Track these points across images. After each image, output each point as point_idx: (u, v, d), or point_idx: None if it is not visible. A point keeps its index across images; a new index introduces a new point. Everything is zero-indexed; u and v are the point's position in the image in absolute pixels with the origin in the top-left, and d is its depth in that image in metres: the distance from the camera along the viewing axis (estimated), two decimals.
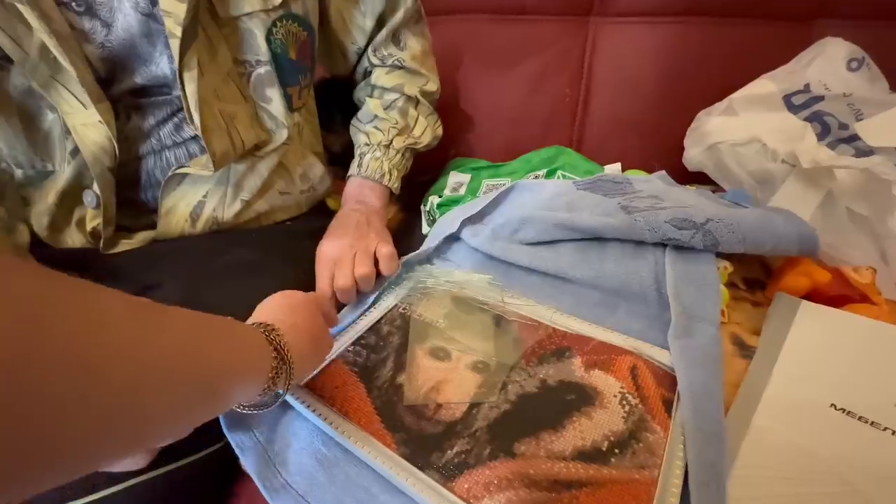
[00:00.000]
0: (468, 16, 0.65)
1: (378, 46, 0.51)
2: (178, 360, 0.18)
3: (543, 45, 0.64)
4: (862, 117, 0.53)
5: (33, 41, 0.32)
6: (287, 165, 0.47)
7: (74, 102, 0.34)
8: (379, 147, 0.51)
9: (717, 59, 0.59)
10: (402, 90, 0.52)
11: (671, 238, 0.41)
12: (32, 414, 0.12)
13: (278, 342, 0.26)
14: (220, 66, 0.39)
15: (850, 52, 0.54)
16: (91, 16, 0.34)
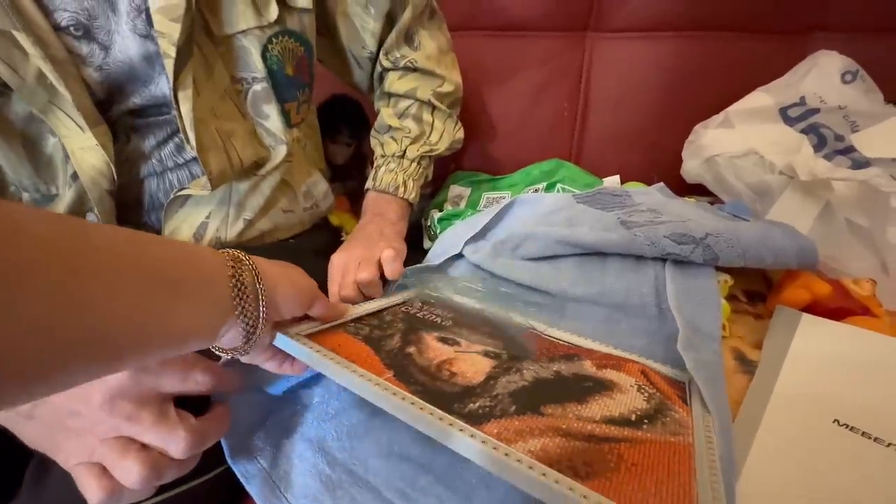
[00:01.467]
0: (468, 32, 0.65)
1: (390, 49, 0.50)
2: (116, 257, 0.17)
3: (542, 60, 0.65)
4: (857, 129, 0.53)
5: (30, 67, 0.32)
6: (290, 183, 0.47)
7: (72, 126, 0.35)
8: (393, 158, 0.51)
9: (712, 72, 0.60)
10: (414, 95, 0.51)
11: (671, 253, 0.42)
12: None
13: (242, 263, 0.24)
14: (216, 84, 0.39)
15: (844, 65, 0.54)
16: (89, 39, 0.34)
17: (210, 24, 0.37)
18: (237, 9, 0.37)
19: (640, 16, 0.60)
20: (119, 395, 0.23)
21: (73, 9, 0.33)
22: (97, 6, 0.34)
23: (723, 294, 0.43)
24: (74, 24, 0.34)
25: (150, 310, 0.18)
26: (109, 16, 0.34)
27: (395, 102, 0.52)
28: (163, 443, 0.24)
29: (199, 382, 0.26)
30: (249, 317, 0.24)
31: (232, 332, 0.23)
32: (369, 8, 0.47)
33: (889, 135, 0.53)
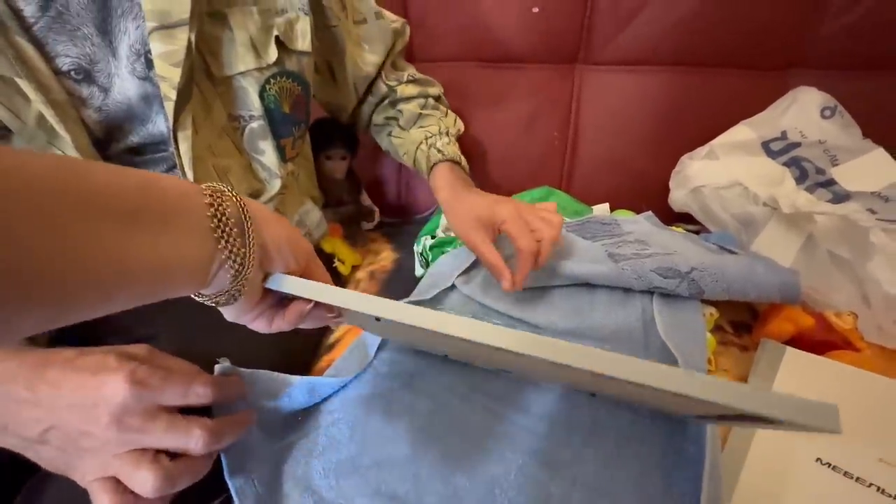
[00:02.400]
0: (461, 63, 0.67)
1: (388, 73, 0.56)
2: (46, 185, 0.15)
3: (532, 90, 0.66)
4: (837, 163, 0.55)
5: (31, 111, 0.33)
6: (283, 213, 0.48)
7: None
8: (441, 135, 0.54)
9: (697, 105, 0.62)
10: (427, 94, 0.57)
11: (657, 286, 0.42)
12: None
13: (223, 195, 0.22)
14: (214, 121, 0.40)
15: (823, 101, 0.56)
16: (89, 82, 0.35)
17: (210, 66, 0.38)
18: (237, 52, 0.38)
19: (627, 50, 0.62)
20: (125, 413, 0.24)
21: (75, 55, 0.34)
22: (98, 51, 0.35)
23: (708, 327, 0.43)
24: (76, 68, 0.34)
25: (97, 243, 0.17)
26: (110, 60, 0.35)
27: (410, 101, 0.56)
28: (181, 443, 0.25)
29: (201, 395, 0.27)
30: (236, 252, 0.22)
31: (221, 273, 0.22)
32: (367, 47, 0.52)
33: (868, 169, 0.54)
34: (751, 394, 0.18)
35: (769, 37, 0.59)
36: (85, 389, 0.24)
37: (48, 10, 0.32)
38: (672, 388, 0.19)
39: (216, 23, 0.37)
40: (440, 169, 0.51)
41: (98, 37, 0.34)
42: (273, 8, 0.40)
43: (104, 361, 0.25)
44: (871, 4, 0.55)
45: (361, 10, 0.50)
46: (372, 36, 0.51)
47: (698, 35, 0.60)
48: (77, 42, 0.34)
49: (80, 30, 0.34)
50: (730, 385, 0.19)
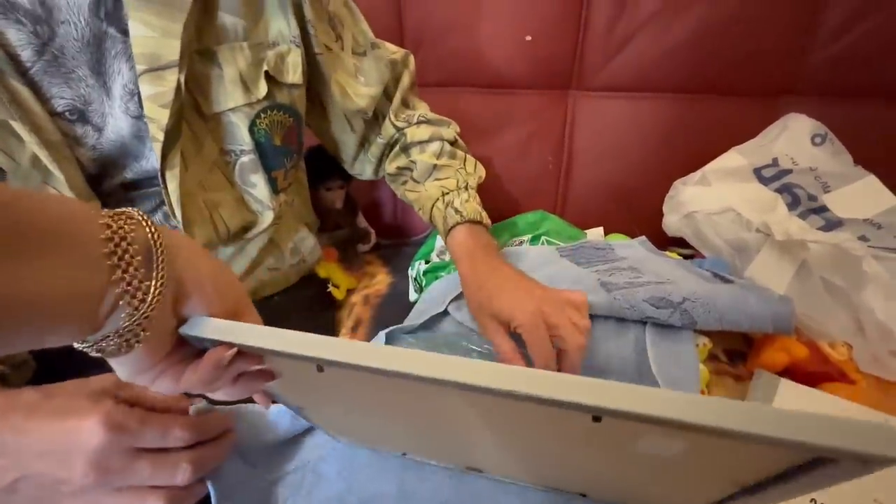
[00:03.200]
0: (456, 88, 0.68)
1: (397, 112, 0.52)
2: None
3: (526, 116, 0.67)
4: (829, 189, 0.55)
5: (25, 152, 0.33)
6: (277, 241, 0.48)
7: None
8: (459, 191, 0.50)
9: (689, 131, 0.63)
10: (440, 136, 0.52)
11: (650, 316, 0.42)
12: None
13: (130, 218, 0.19)
14: (205, 157, 0.40)
15: (813, 128, 0.57)
16: (83, 122, 0.36)
17: (200, 103, 0.38)
18: (226, 88, 0.39)
19: (620, 77, 0.63)
20: (103, 458, 0.23)
21: (70, 96, 0.35)
22: (92, 92, 0.35)
23: (701, 358, 0.43)
24: (70, 109, 0.35)
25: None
26: (104, 100, 0.36)
27: (424, 147, 0.52)
28: (168, 480, 0.25)
29: (179, 438, 0.26)
30: (136, 286, 0.19)
31: (116, 312, 0.19)
32: (358, 77, 0.49)
33: (859, 196, 0.55)
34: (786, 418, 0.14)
35: (760, 64, 0.60)
36: (55, 436, 0.23)
37: (44, 54, 0.33)
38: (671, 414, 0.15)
39: (205, 60, 0.38)
40: (459, 233, 0.47)
41: (92, 78, 0.35)
42: (265, 41, 0.41)
43: (74, 405, 0.24)
44: (859, 34, 0.56)
45: (360, 42, 0.49)
46: (368, 68, 0.49)
47: (689, 62, 0.61)
48: (72, 84, 0.34)
49: (74, 72, 0.34)
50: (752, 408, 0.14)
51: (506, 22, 0.63)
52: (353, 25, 0.48)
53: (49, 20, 0.33)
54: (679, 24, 0.59)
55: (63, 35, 0.33)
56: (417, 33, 0.66)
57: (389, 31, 0.65)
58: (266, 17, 0.40)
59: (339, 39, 0.47)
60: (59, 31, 0.33)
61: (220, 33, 0.38)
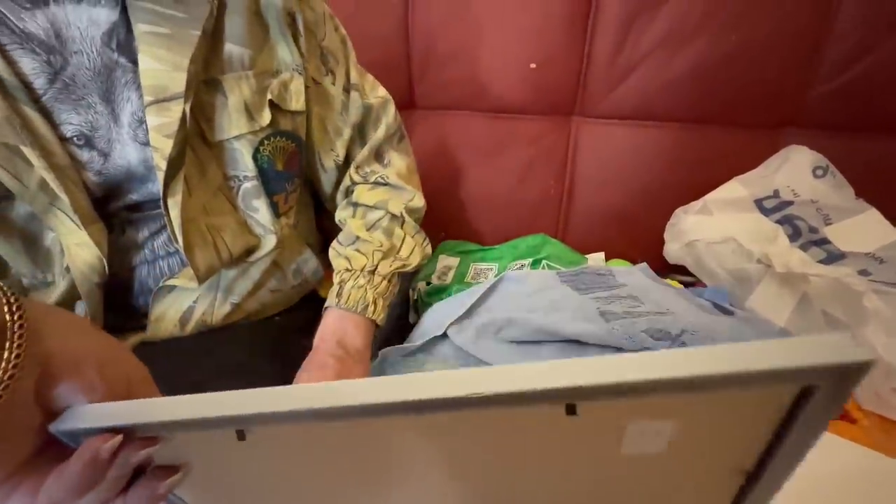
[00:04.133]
0: (462, 112, 0.70)
1: (361, 163, 0.49)
2: None
3: (529, 140, 0.68)
4: (831, 222, 0.55)
5: (33, 176, 0.35)
6: (280, 263, 0.49)
7: (69, 224, 0.37)
8: (363, 274, 0.46)
9: (691, 160, 0.63)
10: (385, 207, 0.49)
11: (648, 348, 0.42)
12: None
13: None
14: (209, 182, 0.41)
15: (815, 161, 0.57)
16: (90, 148, 0.37)
17: (205, 131, 0.39)
18: (230, 116, 0.40)
19: (623, 105, 0.64)
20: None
21: (78, 122, 0.36)
22: (101, 118, 0.36)
23: None
24: (77, 135, 0.36)
25: None
26: (111, 126, 0.37)
27: (364, 213, 0.49)
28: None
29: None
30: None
31: None
32: (343, 114, 0.48)
33: (861, 229, 0.55)
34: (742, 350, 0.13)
35: (761, 97, 0.61)
36: None
37: (55, 82, 0.34)
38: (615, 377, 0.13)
39: (210, 89, 0.39)
40: (328, 316, 0.45)
41: (102, 105, 0.36)
42: (269, 70, 0.41)
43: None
44: (860, 70, 0.57)
45: (353, 79, 0.48)
46: (351, 107, 0.48)
47: (691, 93, 0.62)
48: (80, 110, 0.36)
49: (84, 99, 0.36)
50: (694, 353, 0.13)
51: (511, 49, 0.64)
52: (346, 63, 0.48)
53: (62, 50, 0.34)
54: (681, 56, 0.60)
55: (75, 64, 0.35)
56: (425, 58, 0.67)
57: (398, 58, 0.66)
58: (271, 45, 0.42)
59: (331, 74, 0.47)
60: (71, 60, 0.35)
61: (226, 63, 0.39)
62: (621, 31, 0.61)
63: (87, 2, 0.34)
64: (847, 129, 0.60)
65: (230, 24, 0.39)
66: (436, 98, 0.69)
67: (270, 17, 0.41)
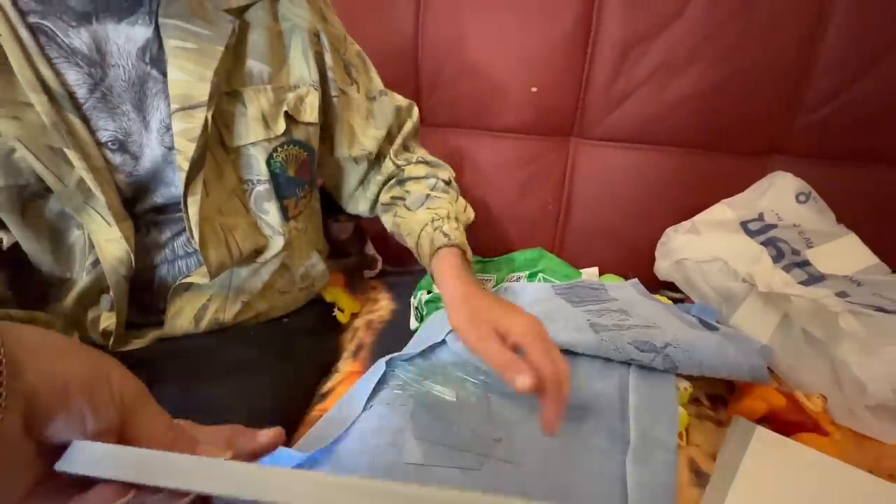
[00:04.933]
0: (465, 130, 0.73)
1: (396, 153, 0.55)
2: None
3: (529, 159, 0.72)
4: (812, 245, 0.58)
5: (73, 176, 0.38)
6: (289, 266, 0.51)
7: (101, 222, 0.40)
8: (449, 220, 0.50)
9: (682, 183, 0.67)
10: (436, 175, 0.55)
11: (634, 359, 0.45)
12: None
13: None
14: (225, 184, 0.44)
15: (798, 187, 0.61)
16: (122, 152, 0.40)
17: (223, 137, 0.43)
18: (248, 125, 0.43)
19: (619, 128, 0.68)
20: None
21: (113, 128, 0.39)
22: (133, 125, 0.40)
23: (683, 401, 0.45)
24: (112, 140, 0.40)
25: None
26: (142, 132, 0.40)
27: (419, 181, 0.55)
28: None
29: None
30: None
31: None
32: (369, 120, 0.53)
33: (841, 252, 0.58)
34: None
35: (749, 125, 0.64)
36: None
37: (95, 92, 0.38)
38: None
39: (232, 100, 0.43)
40: (446, 254, 0.47)
41: (134, 113, 0.40)
42: (286, 84, 0.45)
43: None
44: (841, 103, 0.61)
45: (372, 89, 0.54)
46: (377, 112, 0.54)
47: (684, 119, 0.65)
48: (115, 118, 0.39)
49: (119, 108, 0.39)
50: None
51: (513, 73, 0.68)
52: (365, 73, 0.54)
53: (102, 64, 0.38)
54: (674, 84, 0.64)
55: (113, 76, 0.38)
56: (432, 78, 0.71)
57: (407, 77, 0.70)
58: (289, 63, 0.46)
59: (355, 83, 0.52)
60: (109, 72, 0.38)
61: (247, 77, 0.43)
62: (618, 60, 0.65)
63: (126, 21, 0.38)
64: (829, 158, 0.63)
65: (252, 42, 0.43)
66: (441, 116, 0.73)
67: (293, 38, 0.45)
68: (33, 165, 0.37)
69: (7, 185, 0.37)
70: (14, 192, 0.38)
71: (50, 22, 0.36)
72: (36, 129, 0.36)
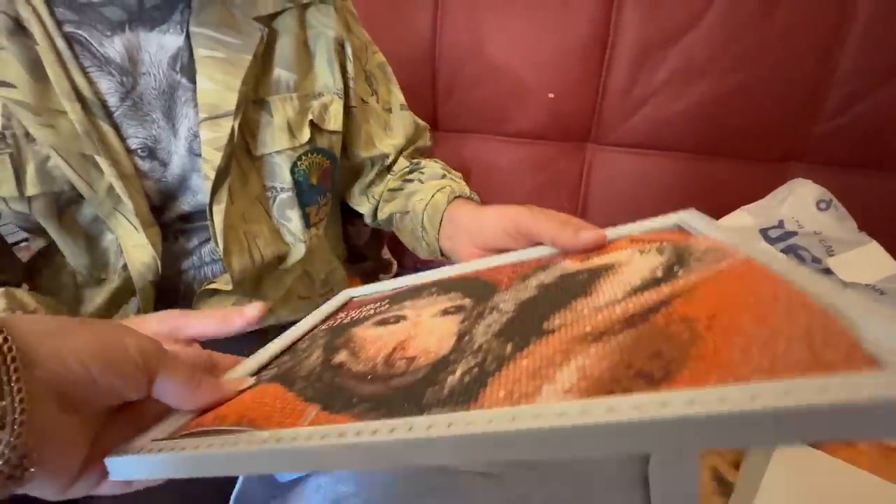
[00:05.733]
0: (483, 135, 0.74)
1: (411, 155, 0.54)
2: None
3: (545, 163, 0.72)
4: (833, 253, 0.58)
5: (103, 182, 0.38)
6: (311, 273, 0.52)
7: (129, 227, 0.40)
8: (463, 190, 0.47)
9: (699, 189, 0.67)
10: (449, 170, 0.53)
11: None
12: None
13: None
14: (250, 192, 0.44)
15: (819, 194, 0.60)
16: (152, 159, 0.41)
17: (249, 145, 0.43)
18: (274, 134, 0.44)
19: (635, 135, 0.68)
20: None
21: (143, 136, 0.40)
22: (162, 133, 0.40)
23: None
24: (142, 147, 0.40)
25: None
26: (171, 139, 0.41)
27: (434, 164, 0.53)
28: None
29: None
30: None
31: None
32: (386, 131, 0.53)
33: (863, 261, 0.57)
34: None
35: (766, 133, 0.64)
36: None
37: (126, 100, 0.39)
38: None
39: (258, 108, 0.43)
40: (463, 202, 0.44)
41: (163, 121, 0.40)
42: (311, 93, 0.46)
43: None
44: (861, 111, 0.60)
45: (390, 101, 0.54)
46: (395, 123, 0.53)
47: (700, 126, 0.65)
48: (146, 125, 0.40)
49: (149, 115, 0.40)
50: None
51: (531, 78, 0.69)
52: (385, 85, 0.53)
53: (133, 72, 0.38)
54: (690, 91, 0.64)
55: (143, 85, 0.39)
56: (450, 83, 0.72)
57: (424, 81, 0.71)
58: (315, 71, 0.46)
59: (375, 94, 0.52)
60: (140, 81, 0.39)
61: (274, 86, 0.43)
62: (634, 67, 0.65)
63: (158, 30, 0.39)
64: (849, 165, 0.63)
65: (280, 50, 0.43)
66: (458, 121, 0.73)
67: (318, 45, 0.46)
68: (66, 173, 0.37)
69: (43, 193, 0.38)
70: (51, 198, 0.38)
71: (85, 31, 0.37)
72: (69, 137, 0.37)
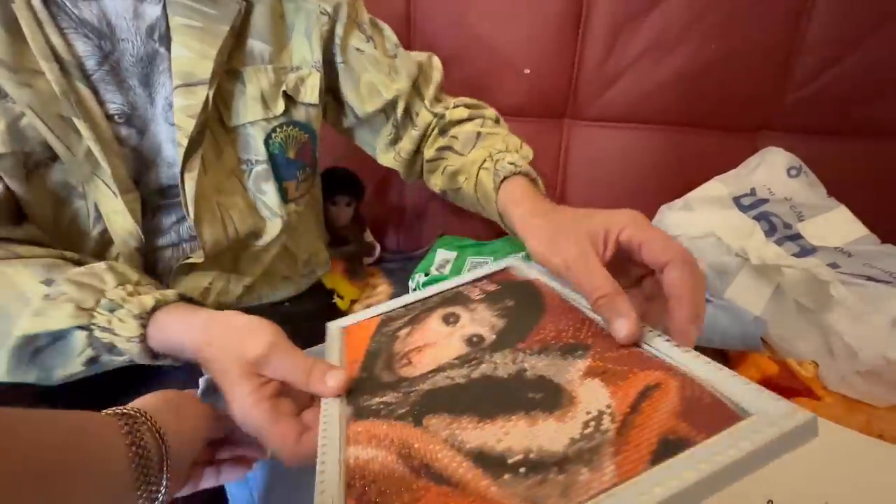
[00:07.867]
0: None
1: (431, 103, 0.51)
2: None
3: (525, 140, 0.72)
4: (804, 218, 0.59)
5: (81, 146, 0.38)
6: (293, 251, 0.52)
7: (107, 192, 0.40)
8: (509, 153, 0.43)
9: (674, 160, 0.67)
10: (482, 115, 0.51)
11: None
12: None
13: (136, 421, 0.23)
14: (224, 164, 0.44)
15: (789, 161, 0.61)
16: (128, 125, 0.41)
17: (223, 115, 0.43)
18: (247, 104, 0.44)
19: (612, 108, 0.68)
20: None
21: (120, 102, 0.40)
22: (139, 100, 0.40)
23: None
24: (119, 113, 0.40)
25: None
26: (148, 107, 0.41)
27: (464, 123, 0.50)
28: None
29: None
30: (154, 489, 0.22)
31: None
32: (391, 75, 0.50)
33: (832, 225, 0.59)
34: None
35: (739, 102, 0.65)
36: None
37: (104, 64, 0.39)
38: None
39: (232, 79, 0.43)
40: (514, 184, 0.39)
41: (140, 88, 0.40)
42: (288, 65, 0.46)
43: None
44: (829, 79, 0.61)
45: (388, 47, 0.52)
46: (399, 66, 0.51)
47: (675, 98, 0.66)
48: (123, 91, 0.40)
49: (126, 81, 0.40)
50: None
51: (506, 55, 0.68)
52: (379, 32, 0.52)
53: (111, 37, 0.38)
54: (664, 63, 0.64)
55: (121, 51, 0.39)
56: None
57: None
58: (291, 44, 0.46)
59: (371, 40, 0.50)
60: (118, 46, 0.39)
61: (248, 56, 0.43)
62: (609, 40, 0.65)
63: None
64: (819, 133, 0.64)
65: (255, 22, 0.43)
66: None
67: (298, 19, 0.45)
68: (44, 134, 0.37)
69: (13, 151, 0.37)
70: (19, 158, 0.38)
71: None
72: (47, 98, 0.36)
